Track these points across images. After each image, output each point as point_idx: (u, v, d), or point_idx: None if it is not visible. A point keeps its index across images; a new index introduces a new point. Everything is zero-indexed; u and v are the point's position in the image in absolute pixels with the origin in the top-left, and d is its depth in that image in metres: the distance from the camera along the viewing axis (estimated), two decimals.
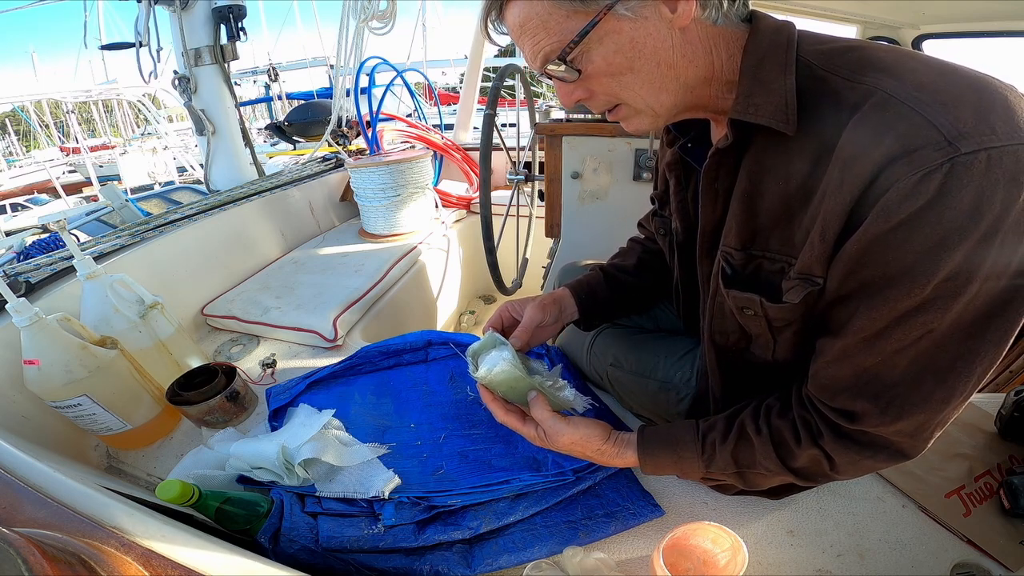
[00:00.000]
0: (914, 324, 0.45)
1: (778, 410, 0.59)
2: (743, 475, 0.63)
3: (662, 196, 0.80)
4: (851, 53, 0.49)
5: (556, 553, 0.69)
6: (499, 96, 1.42)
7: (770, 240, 0.55)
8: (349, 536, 0.71)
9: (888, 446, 0.53)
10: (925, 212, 0.41)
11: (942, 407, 0.48)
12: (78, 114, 18.87)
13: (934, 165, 0.40)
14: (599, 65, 0.52)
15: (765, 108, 0.50)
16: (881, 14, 1.74)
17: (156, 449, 0.96)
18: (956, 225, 0.40)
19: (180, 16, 1.62)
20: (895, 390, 0.49)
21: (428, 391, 1.03)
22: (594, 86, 0.55)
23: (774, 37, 0.51)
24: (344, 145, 2.02)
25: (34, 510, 0.45)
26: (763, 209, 0.54)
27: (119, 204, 2.07)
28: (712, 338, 0.67)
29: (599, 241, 1.59)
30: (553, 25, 0.50)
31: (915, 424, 0.50)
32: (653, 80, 0.53)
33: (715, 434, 0.63)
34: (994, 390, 1.19)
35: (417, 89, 2.50)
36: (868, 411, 0.50)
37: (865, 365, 0.49)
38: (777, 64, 0.50)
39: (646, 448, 0.67)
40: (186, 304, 1.35)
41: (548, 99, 4.05)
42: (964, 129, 0.40)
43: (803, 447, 0.56)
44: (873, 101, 0.44)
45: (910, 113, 0.42)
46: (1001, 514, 0.73)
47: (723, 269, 0.60)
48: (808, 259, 0.50)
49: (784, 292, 0.53)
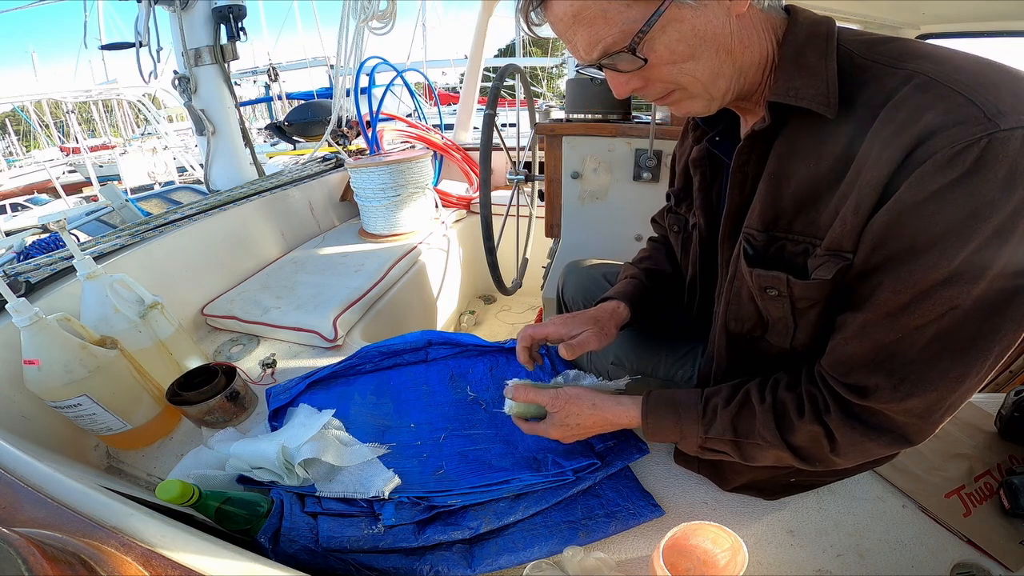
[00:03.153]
0: (939, 299, 0.45)
1: (786, 383, 0.60)
2: (739, 445, 0.63)
3: (679, 193, 0.80)
4: (890, 43, 0.50)
5: (556, 553, 0.69)
6: (499, 96, 1.42)
7: (794, 223, 0.55)
8: (349, 536, 0.71)
9: (894, 429, 0.53)
10: (959, 184, 0.41)
11: (956, 386, 0.48)
12: (78, 114, 18.86)
13: (973, 139, 0.40)
14: (662, 54, 0.51)
15: (807, 91, 0.50)
16: (881, 14, 1.74)
17: (156, 449, 0.96)
18: (989, 198, 0.41)
19: (180, 16, 1.62)
20: (911, 367, 0.49)
21: (428, 391, 1.03)
22: (654, 74, 0.54)
23: (813, 28, 0.53)
24: (344, 145, 2.02)
25: (34, 510, 0.45)
26: (789, 192, 0.54)
27: (119, 204, 2.07)
28: (726, 325, 0.66)
29: (599, 241, 1.59)
30: (614, 15, 0.49)
31: (927, 403, 0.50)
32: (712, 66, 0.53)
33: (718, 399, 0.63)
34: (994, 390, 1.19)
35: (417, 89, 2.50)
36: (881, 386, 0.50)
37: (885, 341, 0.49)
38: (818, 51, 0.51)
39: (650, 407, 0.68)
40: (186, 304, 1.35)
41: (548, 99, 4.05)
42: (1003, 108, 0.41)
43: (805, 421, 0.56)
44: (915, 83, 0.45)
45: (951, 93, 0.43)
46: (1001, 514, 0.73)
47: (744, 250, 0.59)
48: (839, 234, 0.49)
49: (812, 270, 0.53)
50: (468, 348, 1.13)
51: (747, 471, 0.73)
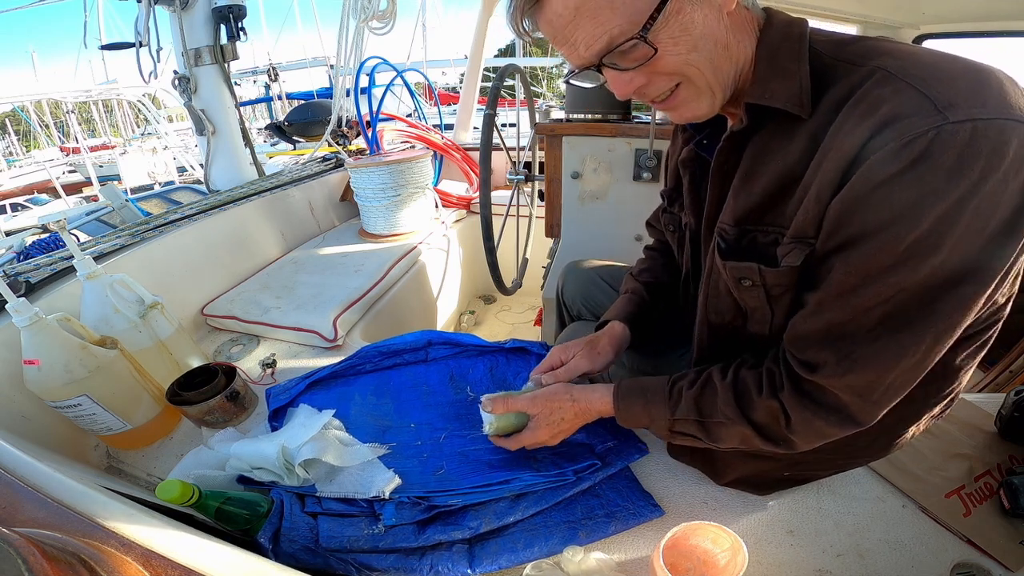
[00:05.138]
0: (886, 283, 0.47)
1: (749, 364, 0.62)
2: (704, 425, 0.65)
3: (671, 193, 0.83)
4: (859, 43, 0.52)
5: (556, 553, 0.69)
6: (499, 96, 1.42)
7: (764, 215, 0.57)
8: (349, 536, 0.71)
9: (840, 407, 0.54)
10: (907, 173, 0.43)
11: (892, 366, 0.50)
12: (78, 114, 18.85)
13: (921, 131, 0.42)
14: (668, 44, 0.50)
15: (781, 93, 0.52)
16: (881, 14, 1.74)
17: (156, 449, 0.96)
18: (934, 187, 0.42)
19: (180, 16, 1.62)
20: (856, 345, 0.51)
21: (428, 391, 1.03)
22: (660, 66, 0.53)
23: (787, 29, 0.54)
24: (344, 145, 2.01)
25: (34, 510, 0.45)
26: (759, 188, 0.56)
27: (119, 204, 2.06)
28: (708, 318, 0.69)
29: (599, 241, 1.59)
30: (619, 4, 0.49)
31: (864, 381, 0.52)
32: (713, 59, 0.53)
33: (684, 382, 0.67)
34: (994, 390, 1.19)
35: (417, 89, 2.50)
36: (826, 362, 0.52)
37: (836, 320, 0.51)
38: (792, 52, 0.53)
39: (621, 394, 0.72)
40: (186, 304, 1.35)
41: (548, 99, 4.05)
42: (956, 101, 0.42)
43: (763, 397, 0.58)
44: (876, 78, 0.47)
45: (906, 87, 0.44)
46: (1001, 514, 0.73)
47: (718, 244, 0.61)
48: (802, 221, 0.51)
49: (781, 258, 0.55)
50: (468, 348, 1.13)
51: (740, 464, 0.74)
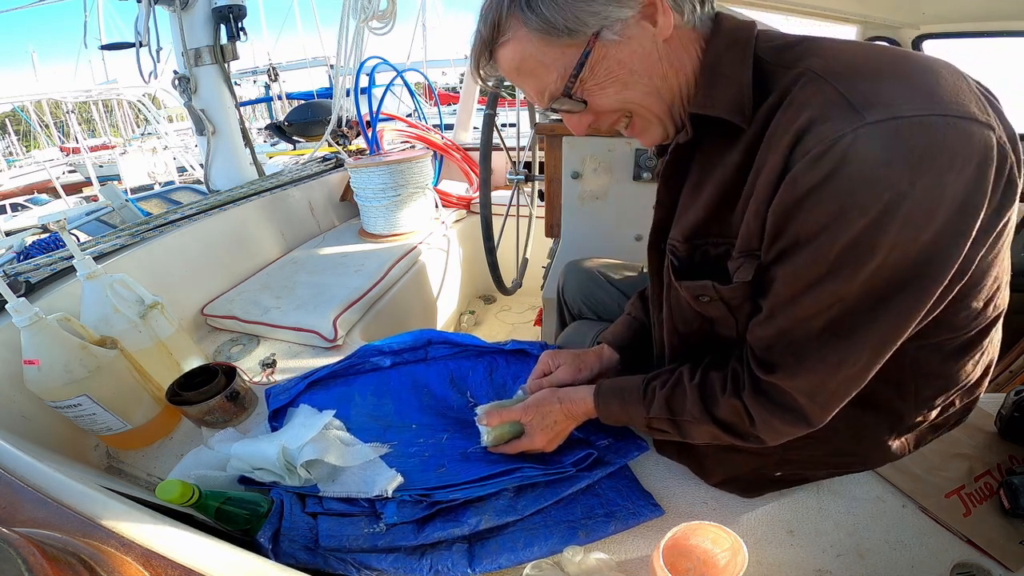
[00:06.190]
0: (824, 292, 0.47)
1: (717, 364, 0.63)
2: (676, 423, 0.66)
3: None
4: (799, 46, 0.51)
5: (556, 553, 0.69)
6: (499, 96, 1.42)
7: (711, 227, 0.57)
8: (349, 535, 0.71)
9: (794, 408, 0.55)
10: (827, 182, 0.42)
11: (835, 371, 0.51)
12: (78, 114, 18.86)
13: (839, 135, 0.41)
14: (594, 91, 0.54)
15: (722, 100, 0.51)
16: (881, 14, 1.74)
17: (156, 449, 0.96)
18: (853, 199, 0.41)
19: (180, 16, 1.62)
20: (804, 350, 0.51)
21: (428, 392, 1.03)
22: (597, 109, 0.56)
23: (734, 35, 0.53)
24: (344, 145, 2.01)
25: (34, 510, 0.45)
26: (704, 200, 0.56)
27: (119, 204, 2.06)
28: (676, 327, 0.69)
29: (599, 241, 1.59)
30: (550, 62, 0.52)
31: (811, 385, 0.52)
32: (652, 90, 0.54)
33: (657, 382, 0.68)
34: (994, 390, 1.19)
35: (417, 89, 2.50)
36: (781, 364, 0.54)
37: (784, 327, 0.52)
38: (735, 60, 0.52)
39: (600, 394, 0.74)
40: (186, 304, 1.35)
41: None
42: (875, 99, 0.40)
43: (727, 397, 0.59)
44: (802, 81, 0.46)
45: (826, 87, 0.43)
46: (1001, 514, 0.73)
47: (671, 263, 0.62)
48: (746, 235, 0.52)
49: (733, 273, 0.55)
50: (467, 348, 1.12)
51: (728, 464, 0.75)
